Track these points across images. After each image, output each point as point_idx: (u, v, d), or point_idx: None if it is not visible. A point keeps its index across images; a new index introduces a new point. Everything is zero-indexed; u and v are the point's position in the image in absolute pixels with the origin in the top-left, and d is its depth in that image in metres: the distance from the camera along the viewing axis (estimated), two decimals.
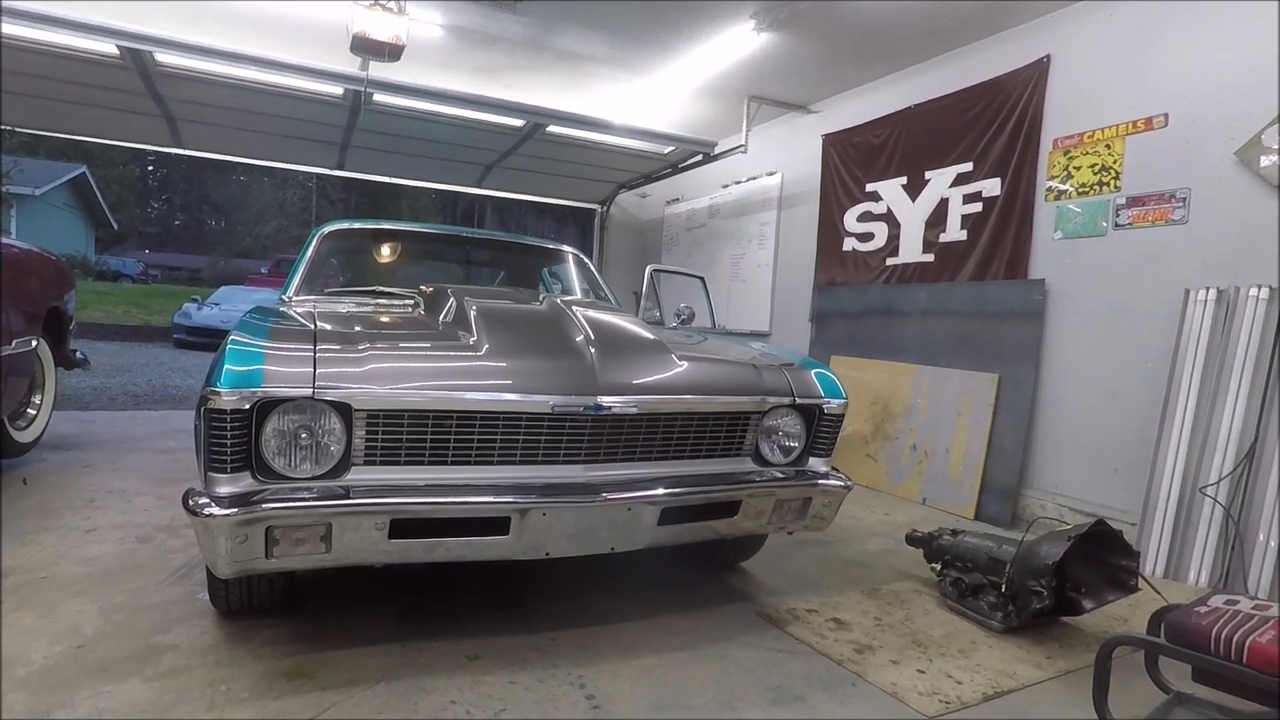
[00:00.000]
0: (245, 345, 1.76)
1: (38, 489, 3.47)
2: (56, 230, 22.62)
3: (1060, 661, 2.25)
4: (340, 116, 5.74)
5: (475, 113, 5.47)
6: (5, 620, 2.10)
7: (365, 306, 2.89)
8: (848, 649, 2.25)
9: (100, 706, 1.69)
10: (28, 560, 2.56)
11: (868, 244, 5.26)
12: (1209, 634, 1.54)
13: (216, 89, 5.13)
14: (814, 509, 2.36)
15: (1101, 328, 3.72)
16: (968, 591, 2.59)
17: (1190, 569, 3.09)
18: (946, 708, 1.93)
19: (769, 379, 2.32)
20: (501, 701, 1.82)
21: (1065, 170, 3.91)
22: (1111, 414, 3.65)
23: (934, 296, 4.66)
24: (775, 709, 1.87)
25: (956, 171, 4.56)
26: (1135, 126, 3.60)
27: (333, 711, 1.73)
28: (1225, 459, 3.06)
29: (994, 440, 4.12)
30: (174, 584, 2.43)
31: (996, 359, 4.21)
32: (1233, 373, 3.09)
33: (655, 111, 6.24)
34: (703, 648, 2.20)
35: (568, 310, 2.29)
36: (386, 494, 1.76)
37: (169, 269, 32.87)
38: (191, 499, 1.64)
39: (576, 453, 2.01)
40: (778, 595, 2.68)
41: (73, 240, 24.68)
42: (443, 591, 2.50)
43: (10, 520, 2.97)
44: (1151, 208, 3.51)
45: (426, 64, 5.34)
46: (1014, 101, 4.20)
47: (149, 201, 40.23)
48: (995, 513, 4.00)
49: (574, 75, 5.55)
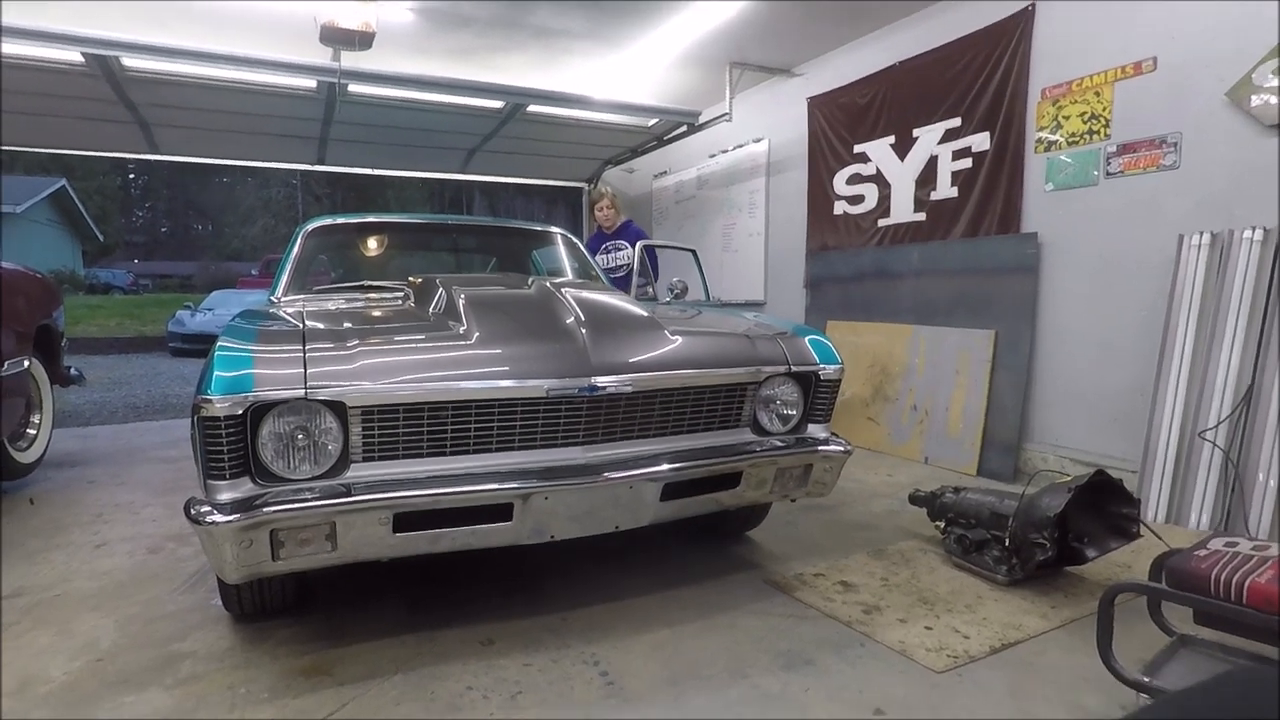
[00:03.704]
0: (234, 350, 1.75)
1: (45, 508, 3.48)
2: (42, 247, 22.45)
3: (1065, 611, 2.28)
4: (316, 110, 5.66)
5: (453, 97, 5.40)
6: (22, 640, 2.12)
7: (355, 302, 2.87)
8: (856, 610, 2.27)
9: (123, 717, 1.71)
10: (40, 579, 2.58)
11: (858, 206, 5.23)
12: (1209, 577, 1.56)
13: (188, 91, 5.05)
14: (815, 475, 2.37)
15: (1096, 278, 3.71)
16: (972, 547, 2.61)
17: (1191, 513, 3.11)
18: (954, 662, 1.95)
19: (763, 349, 2.32)
20: (517, 684, 1.85)
21: (1055, 120, 3.87)
22: (1109, 364, 3.65)
23: (927, 256, 4.65)
24: (787, 674, 1.90)
25: (945, 128, 4.51)
26: (1124, 72, 3.55)
27: (352, 706, 1.75)
28: (1223, 402, 3.07)
29: (993, 396, 4.13)
30: (187, 592, 2.45)
31: (992, 315, 4.20)
32: (1228, 316, 3.09)
33: (636, 84, 6.15)
34: (713, 618, 2.23)
35: (557, 293, 2.28)
36: (388, 489, 1.76)
37: (159, 277, 32.69)
38: (194, 508, 1.64)
39: (575, 434, 2.01)
40: (784, 562, 2.71)
41: (59, 256, 24.52)
42: (452, 580, 2.52)
43: (20, 540, 2.99)
44: (1143, 154, 3.48)
45: (399, 50, 5.26)
46: (1000, 53, 4.14)
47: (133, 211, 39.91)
48: (997, 468, 4.02)
49: (551, 52, 5.47)
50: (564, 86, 5.73)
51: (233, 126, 6.03)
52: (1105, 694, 1.78)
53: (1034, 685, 1.85)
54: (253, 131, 6.24)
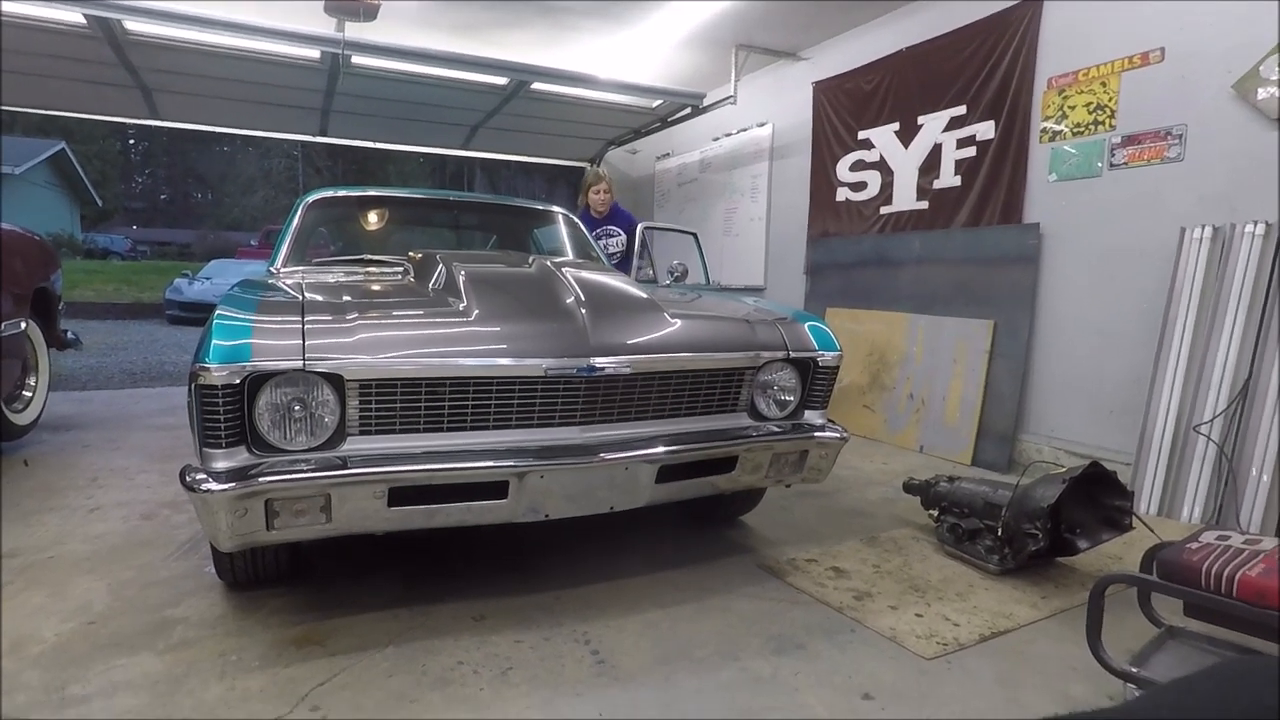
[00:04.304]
0: (232, 319, 1.74)
1: (39, 470, 3.48)
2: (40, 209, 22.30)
3: (1055, 601, 2.30)
4: (319, 81, 5.61)
5: (457, 72, 5.35)
6: (16, 600, 2.12)
7: (354, 275, 2.86)
8: (847, 596, 2.29)
9: (114, 680, 1.72)
10: (34, 540, 2.58)
11: (861, 193, 5.20)
12: (1199, 569, 1.57)
13: (190, 57, 5.00)
14: (811, 461, 2.38)
15: (1097, 270, 3.70)
16: (964, 536, 2.63)
17: (1184, 506, 3.13)
18: (944, 649, 1.97)
19: (762, 334, 2.32)
20: (508, 660, 1.86)
21: (1060, 110, 3.84)
22: (1107, 356, 3.65)
23: (928, 244, 4.63)
24: (777, 657, 1.91)
25: (950, 115, 4.48)
26: (1131, 62, 3.52)
27: (343, 676, 1.76)
28: (1219, 397, 3.08)
29: (990, 386, 4.13)
30: (180, 558, 2.46)
31: (992, 305, 4.19)
32: (1228, 310, 3.09)
33: (641, 64, 6.09)
34: (705, 600, 2.24)
35: (558, 272, 2.27)
36: (384, 463, 1.76)
37: (158, 244, 32.49)
38: (189, 475, 1.64)
39: (572, 414, 2.01)
40: (778, 547, 2.72)
41: (58, 219, 24.37)
42: (447, 556, 2.53)
43: (14, 502, 2.99)
44: (1147, 146, 3.46)
45: (404, 23, 5.19)
46: (1007, 41, 4.10)
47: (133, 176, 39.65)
48: (992, 458, 4.04)
49: (557, 29, 5.40)
50: (569, 65, 5.68)
51: (234, 94, 5.97)
52: (1093, 684, 1.79)
53: (1022, 674, 1.87)
54: (254, 100, 6.18)
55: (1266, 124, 3.03)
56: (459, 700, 1.68)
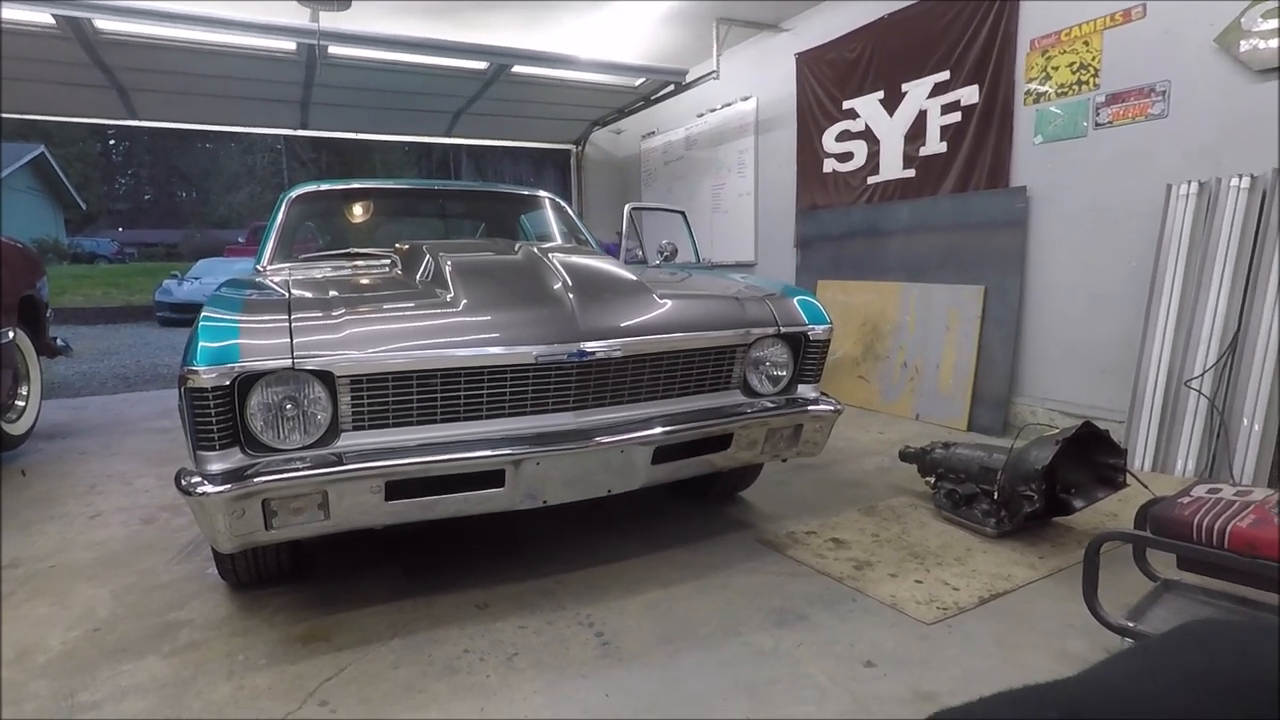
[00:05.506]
0: (219, 320, 1.73)
1: (38, 479, 3.48)
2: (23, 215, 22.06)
3: (1053, 560, 2.32)
4: (297, 73, 5.53)
5: (436, 58, 5.28)
6: (19, 610, 2.13)
7: (341, 270, 2.84)
8: (847, 566, 2.31)
9: (122, 685, 1.73)
10: (35, 550, 2.59)
11: (848, 164, 5.17)
12: (1192, 523, 1.59)
13: (163, 54, 4.92)
14: (806, 435, 2.39)
15: (1085, 231, 3.69)
16: (961, 501, 2.65)
17: (1177, 461, 3.15)
18: (944, 614, 1.99)
19: (752, 310, 2.32)
20: (513, 646, 1.87)
21: (1044, 71, 3.82)
22: (1098, 316, 3.66)
23: (917, 212, 4.62)
24: (779, 630, 1.93)
25: (934, 81, 4.45)
26: (1113, 20, 3.49)
27: (350, 670, 1.78)
28: (1209, 351, 3.09)
29: (983, 351, 4.14)
30: (182, 561, 2.47)
31: (982, 270, 4.19)
32: (1215, 265, 3.09)
33: (622, 43, 6.02)
34: (706, 578, 2.26)
35: (544, 258, 2.26)
36: (379, 457, 1.76)
37: (144, 245, 32.16)
38: (184, 479, 1.64)
39: (565, 400, 2.01)
40: (777, 521, 2.74)
41: (42, 224, 24.13)
42: (448, 546, 2.54)
43: (14, 512, 2.99)
44: (1131, 103, 3.44)
45: (379, 10, 5.11)
46: (989, 3, 4.06)
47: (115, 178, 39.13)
48: (987, 422, 4.06)
49: (534, 11, 5.33)
50: (549, 46, 5.61)
51: (211, 90, 5.89)
52: (1090, 639, 1.82)
53: (1021, 633, 1.89)
54: (232, 95, 6.09)
55: (1250, 76, 3.01)
56: (466, 688, 1.70)
